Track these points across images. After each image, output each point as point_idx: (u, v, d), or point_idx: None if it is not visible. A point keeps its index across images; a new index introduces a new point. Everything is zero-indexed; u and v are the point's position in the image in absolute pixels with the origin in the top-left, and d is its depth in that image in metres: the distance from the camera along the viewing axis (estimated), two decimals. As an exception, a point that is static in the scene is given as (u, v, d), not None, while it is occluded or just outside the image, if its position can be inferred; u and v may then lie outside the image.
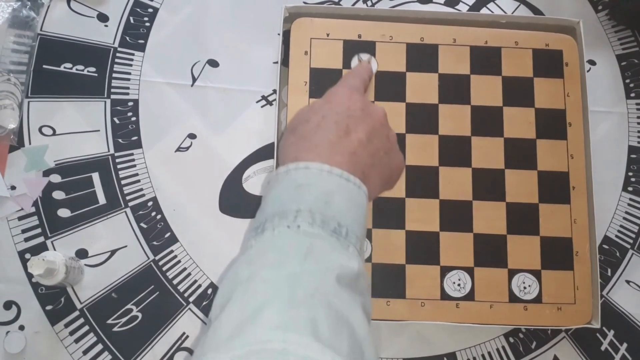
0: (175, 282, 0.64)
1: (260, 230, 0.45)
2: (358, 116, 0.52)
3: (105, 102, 0.69)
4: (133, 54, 0.70)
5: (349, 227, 0.45)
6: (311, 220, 0.43)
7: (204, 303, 0.64)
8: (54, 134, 0.68)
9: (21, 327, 0.62)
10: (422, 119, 0.66)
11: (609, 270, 0.67)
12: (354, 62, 0.66)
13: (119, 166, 0.67)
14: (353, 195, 0.47)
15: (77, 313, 0.63)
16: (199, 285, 0.64)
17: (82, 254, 0.65)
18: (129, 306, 0.63)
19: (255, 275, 0.41)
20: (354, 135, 0.50)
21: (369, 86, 0.66)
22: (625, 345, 0.65)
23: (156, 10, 0.72)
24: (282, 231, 0.43)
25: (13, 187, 0.66)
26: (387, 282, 0.62)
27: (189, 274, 0.65)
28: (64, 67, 0.70)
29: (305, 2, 0.72)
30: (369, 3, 0.74)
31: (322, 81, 0.66)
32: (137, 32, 0.71)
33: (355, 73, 0.61)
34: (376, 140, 0.52)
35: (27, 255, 0.64)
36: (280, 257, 0.42)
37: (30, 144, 0.67)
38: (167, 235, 0.66)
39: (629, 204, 0.69)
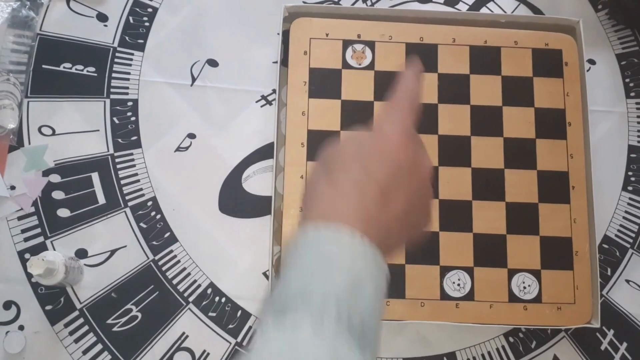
0: (174, 282, 0.64)
1: (281, 315, 0.39)
2: (404, 176, 0.43)
3: (104, 102, 0.69)
4: (132, 54, 0.70)
5: (372, 327, 0.40)
6: (337, 316, 0.37)
7: (204, 303, 0.64)
8: (54, 133, 0.68)
9: (21, 327, 0.62)
10: (421, 118, 0.65)
11: (609, 269, 0.67)
12: (349, 53, 0.66)
13: (118, 166, 0.67)
14: (379, 282, 0.40)
15: (76, 313, 0.63)
16: (199, 285, 0.64)
17: (81, 253, 0.65)
18: (128, 306, 0.63)
19: None
20: (392, 207, 0.42)
21: (368, 86, 0.66)
22: (625, 344, 0.65)
23: (156, 10, 0.72)
24: (305, 329, 0.37)
25: (13, 187, 0.66)
26: (386, 282, 0.62)
27: (189, 274, 0.65)
28: (64, 67, 0.70)
29: (304, 2, 0.72)
30: (369, 3, 0.74)
31: (321, 81, 0.66)
32: (136, 32, 0.71)
33: (405, 99, 0.47)
34: (414, 213, 0.44)
35: (27, 255, 0.64)
36: None
37: (29, 143, 0.67)
38: (167, 235, 0.66)
39: (628, 204, 0.69)
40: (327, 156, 0.45)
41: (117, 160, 0.67)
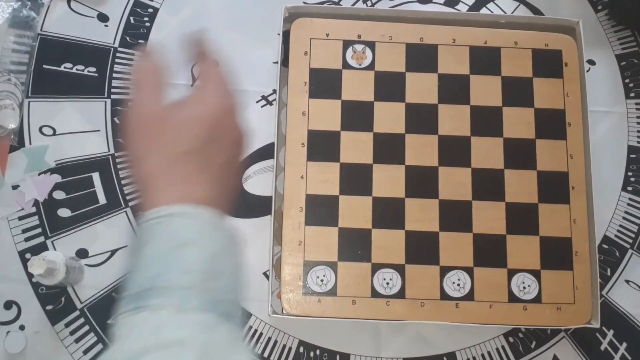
0: (175, 281, 0.64)
1: (139, 307, 0.37)
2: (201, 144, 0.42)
3: (105, 102, 0.69)
4: (133, 54, 0.71)
5: (233, 300, 0.39)
6: (198, 301, 0.36)
7: (204, 303, 0.64)
8: (54, 133, 0.68)
9: (21, 327, 0.62)
10: (421, 119, 0.66)
11: (609, 270, 0.67)
12: (349, 53, 0.66)
13: (119, 166, 0.67)
14: (226, 240, 0.40)
15: (77, 313, 0.63)
16: (199, 285, 0.64)
17: (82, 253, 0.65)
18: (129, 306, 0.63)
19: None
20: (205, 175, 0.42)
21: (369, 86, 0.66)
22: (624, 344, 0.65)
23: (156, 10, 0.72)
24: (169, 314, 0.35)
25: (14, 187, 0.66)
26: (386, 282, 0.62)
27: (189, 274, 0.65)
28: (64, 67, 0.70)
29: (305, 2, 0.72)
30: (369, 3, 0.74)
31: (321, 81, 0.66)
32: (137, 32, 0.71)
33: (147, 82, 0.47)
34: (223, 152, 0.43)
35: (28, 255, 0.64)
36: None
37: (30, 144, 0.67)
38: (167, 235, 0.66)
39: (628, 204, 0.69)
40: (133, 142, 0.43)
41: (117, 160, 0.67)
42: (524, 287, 0.62)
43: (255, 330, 0.64)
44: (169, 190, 0.41)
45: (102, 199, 0.66)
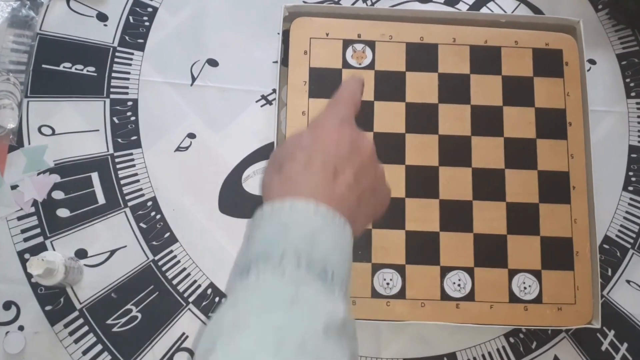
0: (174, 282, 0.64)
1: (245, 273, 0.43)
2: (346, 155, 0.50)
3: (104, 101, 0.69)
4: (132, 54, 0.70)
5: (335, 270, 0.44)
6: (297, 263, 0.42)
7: (204, 303, 0.64)
8: (53, 133, 0.68)
9: (20, 328, 0.62)
10: (422, 118, 0.66)
11: (610, 270, 0.67)
12: (349, 53, 0.66)
13: (118, 166, 0.67)
14: (338, 235, 0.46)
15: (76, 313, 0.63)
16: (199, 285, 0.64)
17: (81, 254, 0.65)
18: (128, 306, 0.63)
19: (240, 322, 0.39)
20: (341, 178, 0.48)
21: (369, 85, 0.66)
22: (625, 345, 0.65)
23: (156, 9, 0.72)
24: (268, 275, 0.42)
25: (13, 187, 0.66)
26: (387, 282, 0.62)
27: (189, 274, 0.65)
28: (64, 67, 0.70)
29: (304, 2, 0.72)
30: (369, 2, 0.74)
31: (321, 80, 0.66)
32: (136, 31, 0.71)
33: (344, 97, 0.55)
34: (364, 180, 0.50)
35: (27, 256, 0.64)
36: (266, 304, 0.40)
37: (29, 143, 0.67)
38: (167, 235, 0.66)
39: (629, 204, 0.69)
40: (274, 155, 0.53)
41: (117, 160, 0.67)
42: (525, 288, 0.62)
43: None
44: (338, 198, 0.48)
45: (101, 199, 0.66)
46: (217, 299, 0.64)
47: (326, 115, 0.54)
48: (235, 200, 0.67)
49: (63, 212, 0.66)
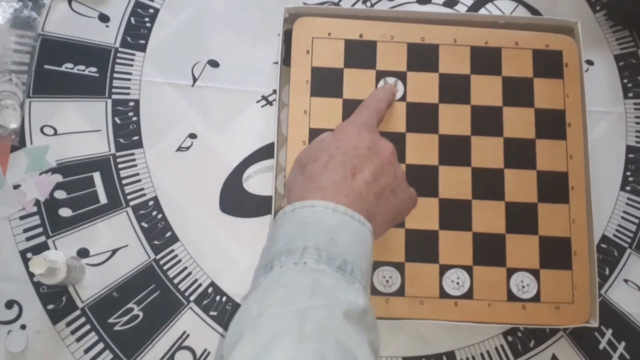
0: (176, 281, 0.65)
1: (268, 268, 0.46)
2: (365, 155, 0.53)
3: (106, 102, 0.69)
4: (134, 54, 0.71)
5: (355, 264, 0.46)
6: (317, 257, 0.45)
7: (205, 302, 0.64)
8: (55, 133, 0.68)
9: (23, 327, 0.62)
10: (422, 118, 0.66)
11: (607, 269, 0.67)
12: (380, 84, 0.66)
13: (120, 166, 0.67)
14: (357, 232, 0.48)
15: (78, 312, 0.63)
16: (200, 284, 0.65)
17: (83, 253, 0.65)
18: (130, 305, 0.64)
19: (265, 311, 0.41)
20: (359, 176, 0.51)
21: (370, 85, 0.66)
22: (623, 344, 0.65)
23: (157, 10, 0.73)
24: (290, 268, 0.45)
25: (16, 187, 0.66)
26: (387, 281, 0.62)
27: (190, 273, 0.65)
28: (65, 67, 0.70)
29: (305, 3, 0.73)
30: (369, 4, 0.74)
31: (323, 80, 0.66)
32: (138, 32, 0.72)
33: (369, 105, 0.60)
34: (383, 179, 0.53)
35: (29, 255, 0.64)
36: (289, 293, 0.42)
37: (31, 143, 0.67)
38: (168, 234, 0.66)
39: (626, 203, 0.69)
40: (298, 157, 0.57)
41: (118, 160, 0.68)
42: (523, 286, 0.63)
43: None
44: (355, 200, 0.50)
45: (103, 199, 0.67)
46: (218, 298, 0.64)
47: (349, 120, 0.58)
48: (236, 199, 0.67)
49: (65, 212, 0.66)
